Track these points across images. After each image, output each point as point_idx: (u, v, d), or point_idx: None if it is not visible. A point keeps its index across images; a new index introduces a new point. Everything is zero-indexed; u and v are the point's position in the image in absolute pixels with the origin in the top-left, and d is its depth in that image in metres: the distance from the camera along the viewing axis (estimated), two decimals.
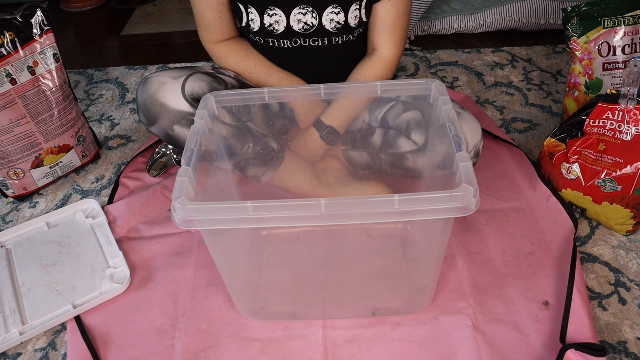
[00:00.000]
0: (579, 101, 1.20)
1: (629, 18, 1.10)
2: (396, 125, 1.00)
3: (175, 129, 0.97)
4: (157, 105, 0.95)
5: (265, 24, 0.97)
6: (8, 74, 1.09)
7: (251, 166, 1.01)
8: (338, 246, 1.00)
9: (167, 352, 0.88)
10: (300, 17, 0.95)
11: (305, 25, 0.96)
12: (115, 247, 1.05)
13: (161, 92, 0.95)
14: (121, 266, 1.02)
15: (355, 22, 0.97)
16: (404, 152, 0.99)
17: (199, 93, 0.96)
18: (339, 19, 0.96)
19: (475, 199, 0.68)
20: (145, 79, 0.98)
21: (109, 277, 1.00)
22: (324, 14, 0.95)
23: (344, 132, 1.06)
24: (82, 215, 1.14)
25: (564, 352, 0.80)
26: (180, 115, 0.95)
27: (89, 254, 1.05)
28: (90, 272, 1.02)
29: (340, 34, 0.98)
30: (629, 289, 0.95)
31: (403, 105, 0.99)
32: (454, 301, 0.93)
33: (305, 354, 0.87)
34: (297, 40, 0.99)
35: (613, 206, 1.00)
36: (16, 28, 1.10)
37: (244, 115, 0.98)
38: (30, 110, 1.14)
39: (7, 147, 1.14)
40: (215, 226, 0.72)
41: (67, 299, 0.97)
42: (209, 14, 1.01)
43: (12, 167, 1.16)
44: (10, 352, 0.92)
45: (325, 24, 0.96)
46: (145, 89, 0.97)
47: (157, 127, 0.98)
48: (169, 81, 0.96)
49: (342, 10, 0.95)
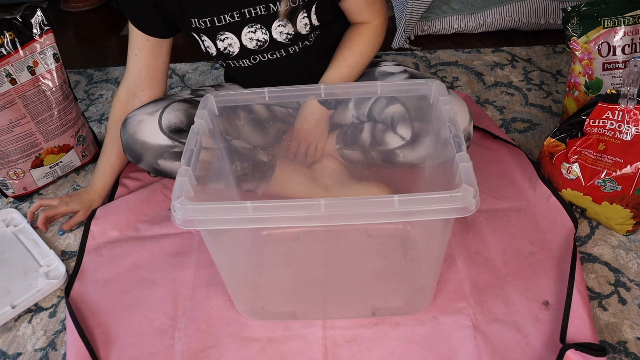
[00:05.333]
0: (579, 101, 1.20)
1: (629, 18, 1.10)
2: (382, 119, 1.01)
3: (160, 163, 0.99)
4: (138, 144, 0.98)
5: (220, 48, 0.97)
6: (8, 74, 1.09)
7: (244, 182, 1.02)
8: (338, 246, 1.00)
9: (167, 352, 0.88)
10: (251, 36, 0.95)
11: (258, 42, 0.96)
12: (45, 248, 1.07)
13: (140, 131, 0.97)
14: (55, 263, 1.04)
15: (307, 29, 0.96)
16: (393, 149, 0.99)
17: (176, 124, 0.98)
18: (287, 30, 0.95)
19: (475, 199, 0.68)
20: (125, 119, 1.01)
21: (44, 275, 1.02)
22: (272, 28, 0.95)
23: (337, 130, 1.07)
24: (2, 225, 1.14)
25: (564, 352, 0.80)
26: (162, 150, 0.97)
27: (18, 259, 1.06)
28: (22, 274, 1.03)
29: (294, 43, 0.98)
30: (629, 289, 0.95)
31: (386, 99, 0.99)
32: (454, 301, 0.93)
33: (305, 354, 0.87)
34: (256, 57, 1.00)
35: (613, 206, 1.00)
36: (16, 28, 1.10)
37: (231, 132, 0.98)
38: (30, 110, 1.14)
39: (7, 147, 1.14)
40: (215, 226, 0.72)
41: (4, 302, 0.98)
42: (130, 52, 1.01)
43: (12, 167, 1.16)
44: (10, 352, 0.92)
45: (276, 37, 0.96)
46: (125, 130, 0.99)
47: (143, 163, 1.01)
48: (145, 119, 0.98)
49: (288, 22, 0.94)
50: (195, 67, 1.70)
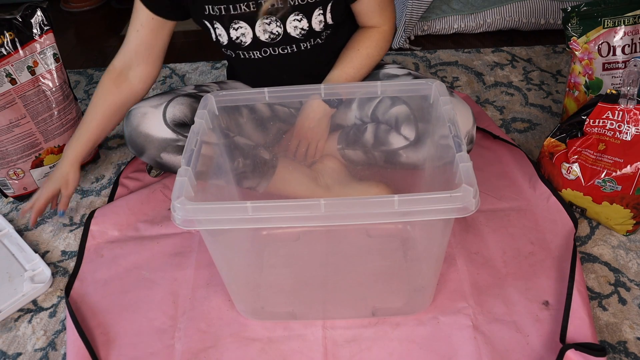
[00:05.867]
0: (579, 101, 1.20)
1: (629, 18, 1.10)
2: (386, 120, 1.01)
3: (162, 156, 0.99)
4: (141, 137, 0.98)
5: (233, 37, 0.97)
6: (8, 74, 1.09)
7: (245, 179, 1.02)
8: (338, 246, 1.00)
9: (167, 352, 0.88)
10: (265, 27, 0.95)
11: (271, 34, 0.96)
12: (29, 252, 1.07)
13: (144, 124, 0.97)
14: (40, 267, 1.04)
15: (320, 26, 0.97)
16: (396, 149, 0.99)
17: (180, 117, 0.98)
18: (302, 25, 0.95)
19: (475, 199, 0.68)
20: (129, 112, 1.00)
21: (29, 279, 1.02)
22: (288, 22, 0.95)
23: (339, 130, 1.06)
24: None
25: (564, 352, 0.80)
26: (165, 143, 0.97)
27: (2, 264, 1.06)
28: (7, 279, 1.03)
29: (307, 39, 0.98)
30: (629, 289, 0.95)
31: (390, 100, 0.99)
32: (454, 301, 0.93)
33: (305, 354, 0.87)
34: (267, 50, 1.00)
35: (613, 206, 1.00)
36: (16, 28, 1.10)
37: (233, 129, 0.98)
38: (30, 110, 1.14)
39: (7, 147, 1.14)
40: (215, 226, 0.72)
41: None
42: (132, 26, 1.01)
43: (12, 167, 1.16)
44: (10, 352, 0.92)
45: (290, 31, 0.96)
46: (128, 122, 0.99)
47: (145, 156, 1.01)
48: (149, 111, 0.97)
49: (304, 17, 0.95)
50: (195, 67, 1.70)
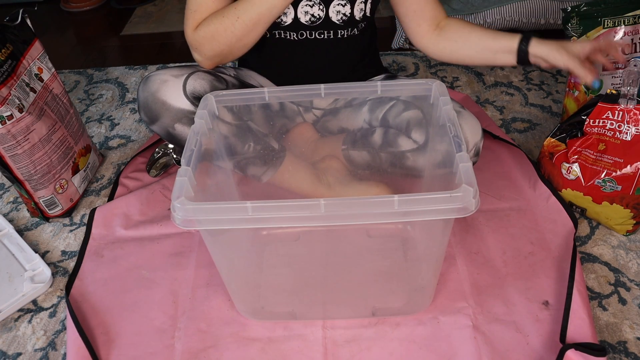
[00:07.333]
0: (579, 101, 1.20)
1: (629, 18, 1.10)
2: (396, 124, 1.00)
3: (176, 127, 0.97)
4: (158, 104, 0.95)
5: None
6: (27, 84, 1.05)
7: (252, 165, 1.01)
8: (338, 246, 1.00)
9: (167, 352, 0.88)
10: (307, 9, 0.96)
11: (313, 17, 0.97)
12: (29, 252, 1.07)
13: (162, 90, 0.95)
14: (40, 267, 1.04)
15: (360, 15, 0.99)
16: (404, 151, 0.99)
17: (200, 92, 0.96)
18: (345, 10, 0.97)
19: (475, 199, 0.68)
20: (147, 77, 0.98)
21: (29, 279, 1.02)
22: (331, 6, 0.97)
23: (344, 133, 1.06)
24: None
25: (564, 352, 0.80)
26: (182, 114, 0.95)
27: (2, 264, 1.06)
28: (7, 279, 1.03)
29: (346, 26, 1.00)
30: (629, 289, 0.95)
31: (404, 104, 0.99)
32: (454, 301, 0.93)
33: (305, 354, 0.87)
34: (304, 33, 1.00)
35: (613, 206, 1.00)
36: (10, 40, 1.05)
37: (245, 114, 0.98)
38: (57, 115, 1.12)
39: (52, 158, 1.10)
40: (215, 226, 0.72)
41: None
42: None
43: (57, 179, 1.13)
44: (10, 352, 0.92)
45: (331, 16, 0.97)
46: (146, 87, 0.96)
47: (158, 125, 0.98)
48: (170, 79, 0.95)
49: (348, 2, 0.97)
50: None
